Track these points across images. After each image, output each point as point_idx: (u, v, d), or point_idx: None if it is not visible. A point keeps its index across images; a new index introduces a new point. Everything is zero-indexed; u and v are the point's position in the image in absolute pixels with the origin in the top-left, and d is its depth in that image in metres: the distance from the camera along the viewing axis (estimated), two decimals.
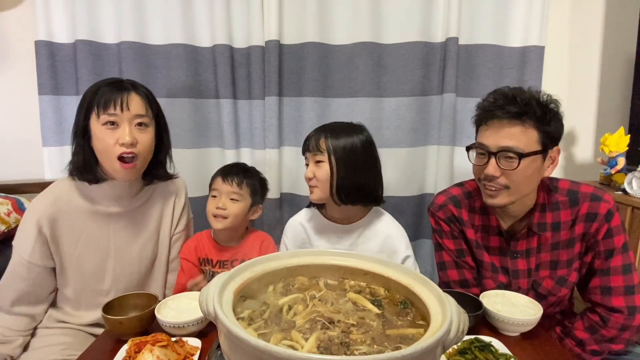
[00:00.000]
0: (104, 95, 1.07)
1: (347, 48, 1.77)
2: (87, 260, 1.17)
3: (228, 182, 1.26)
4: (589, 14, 1.97)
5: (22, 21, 1.78)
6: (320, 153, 1.21)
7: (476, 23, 1.78)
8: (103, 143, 1.08)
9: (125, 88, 1.10)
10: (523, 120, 1.01)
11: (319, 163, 1.21)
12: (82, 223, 1.16)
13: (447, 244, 1.22)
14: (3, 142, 1.85)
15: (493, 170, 1.03)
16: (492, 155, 1.03)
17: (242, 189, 1.27)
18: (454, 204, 1.21)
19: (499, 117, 1.03)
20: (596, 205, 1.07)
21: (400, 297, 0.69)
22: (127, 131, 1.07)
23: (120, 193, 1.18)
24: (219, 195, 1.27)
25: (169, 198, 1.29)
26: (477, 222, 1.20)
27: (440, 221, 1.22)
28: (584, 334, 1.08)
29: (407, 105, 1.80)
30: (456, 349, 0.86)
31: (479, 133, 1.10)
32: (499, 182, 1.04)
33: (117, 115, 1.07)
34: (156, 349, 0.81)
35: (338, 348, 0.54)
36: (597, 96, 2.03)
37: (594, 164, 1.97)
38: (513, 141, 1.01)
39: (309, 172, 1.23)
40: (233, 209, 1.25)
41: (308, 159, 1.25)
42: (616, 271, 1.06)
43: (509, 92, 1.04)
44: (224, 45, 1.72)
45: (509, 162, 1.02)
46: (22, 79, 1.79)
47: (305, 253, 0.77)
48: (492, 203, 1.07)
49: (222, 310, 0.53)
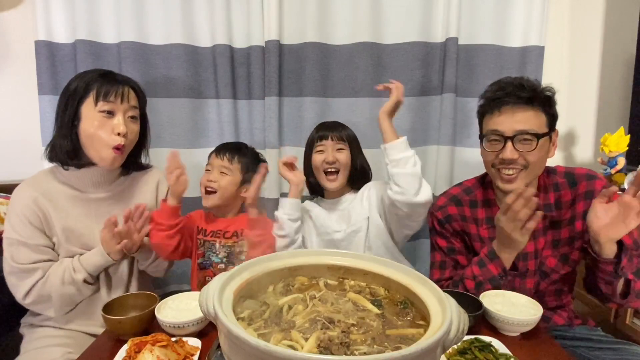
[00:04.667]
0: (104, 85, 1.13)
1: (347, 48, 1.77)
2: (75, 240, 1.19)
3: (220, 156, 1.34)
4: (589, 14, 1.97)
5: (22, 21, 1.78)
6: (343, 141, 1.41)
7: (476, 23, 1.78)
8: (96, 129, 1.12)
9: (122, 81, 1.17)
10: (533, 105, 1.08)
11: (341, 150, 1.40)
12: (66, 206, 1.19)
13: (440, 242, 1.30)
14: (3, 142, 1.85)
15: (510, 154, 1.08)
16: (509, 139, 1.08)
17: (233, 164, 1.34)
18: (455, 203, 1.27)
19: (511, 103, 1.09)
20: (592, 183, 1.14)
21: (400, 297, 0.69)
22: (122, 121, 1.15)
23: (99, 179, 1.23)
24: (212, 169, 1.35)
25: (151, 183, 1.34)
26: (480, 216, 1.24)
27: (436, 221, 1.29)
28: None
29: (407, 105, 1.80)
30: (456, 349, 0.86)
31: (490, 121, 1.14)
32: (519, 162, 1.09)
33: (115, 104, 1.14)
34: (156, 349, 0.81)
35: (338, 348, 0.54)
36: (597, 96, 2.03)
37: (594, 164, 1.97)
38: (528, 124, 1.08)
39: (330, 156, 1.38)
40: (222, 182, 1.32)
41: (325, 146, 1.40)
42: None
43: (515, 81, 1.11)
44: (224, 45, 1.72)
45: (525, 144, 1.08)
46: (22, 79, 1.80)
47: (305, 253, 0.77)
48: (510, 187, 1.09)
49: (222, 310, 0.53)
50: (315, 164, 1.42)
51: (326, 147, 1.39)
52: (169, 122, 1.78)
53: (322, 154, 1.40)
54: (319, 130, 1.44)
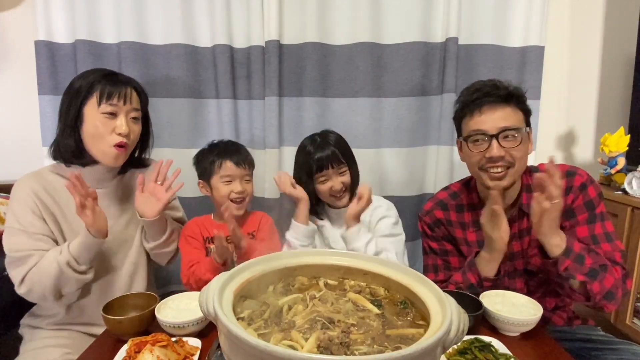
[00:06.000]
0: (107, 86, 1.13)
1: (347, 48, 1.77)
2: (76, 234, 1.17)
3: (242, 166, 1.32)
4: (589, 14, 1.97)
5: (22, 21, 1.78)
6: (343, 164, 1.37)
7: (476, 23, 1.78)
8: (100, 130, 1.13)
9: (125, 82, 1.17)
10: (510, 102, 1.11)
11: (343, 173, 1.38)
12: (68, 200, 1.17)
13: (432, 245, 1.31)
14: (3, 142, 1.85)
15: (498, 151, 1.09)
16: (493, 137, 1.09)
17: (251, 169, 1.35)
18: (441, 208, 1.29)
19: (490, 102, 1.11)
20: (571, 179, 1.14)
21: (400, 297, 0.69)
22: (124, 122, 1.15)
23: (102, 176, 1.23)
24: (234, 179, 1.31)
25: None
26: (466, 219, 1.25)
27: (425, 225, 1.31)
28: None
29: (407, 105, 1.80)
30: (456, 349, 0.86)
31: (470, 122, 1.15)
32: (506, 160, 1.09)
33: (118, 106, 1.14)
34: (156, 349, 0.81)
35: (338, 348, 0.54)
36: (597, 96, 2.03)
37: (594, 164, 1.97)
38: (510, 121, 1.09)
39: (337, 184, 1.36)
40: (249, 190, 1.33)
41: (328, 175, 1.36)
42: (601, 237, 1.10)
43: (488, 82, 1.14)
44: (224, 45, 1.72)
45: (509, 140, 1.09)
46: (22, 79, 1.80)
47: (305, 253, 0.77)
48: (500, 185, 1.11)
49: (222, 310, 0.53)
50: (322, 193, 1.39)
51: (329, 176, 1.37)
52: (169, 122, 1.78)
53: (327, 183, 1.37)
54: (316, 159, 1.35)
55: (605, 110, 2.02)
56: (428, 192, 1.87)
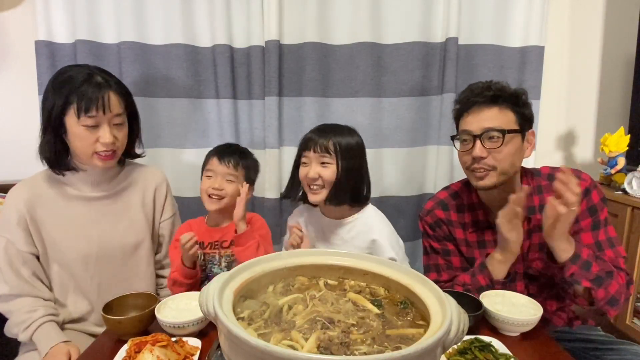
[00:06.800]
0: (84, 96, 1.08)
1: (347, 48, 1.77)
2: (69, 245, 1.18)
3: (224, 163, 1.29)
4: (589, 14, 1.97)
5: (22, 21, 1.78)
6: (328, 155, 1.22)
7: (476, 23, 1.78)
8: (83, 142, 1.11)
9: (103, 86, 1.11)
10: (499, 102, 1.11)
11: (326, 164, 1.22)
12: (62, 208, 1.18)
13: (434, 244, 1.30)
14: (3, 141, 1.85)
15: (479, 151, 1.10)
16: (477, 137, 1.10)
17: (238, 171, 1.31)
18: (442, 207, 1.28)
19: (478, 102, 1.12)
20: None
21: (400, 297, 0.69)
22: (108, 131, 1.12)
23: (98, 179, 1.22)
24: (215, 175, 1.30)
25: (149, 186, 1.32)
26: (466, 220, 1.25)
27: (427, 225, 1.30)
28: None
29: (407, 105, 1.80)
30: (456, 349, 0.86)
31: (461, 122, 1.17)
32: (486, 162, 1.10)
33: (98, 117, 1.10)
34: (156, 349, 0.81)
35: (338, 348, 0.54)
36: (597, 96, 2.03)
37: (594, 164, 1.98)
38: (493, 122, 1.10)
39: (313, 172, 1.22)
40: (229, 190, 1.29)
41: (309, 159, 1.24)
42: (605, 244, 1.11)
43: (483, 83, 1.14)
44: (224, 45, 1.72)
45: (492, 141, 1.09)
46: (22, 79, 1.80)
47: (305, 253, 0.77)
48: (482, 184, 1.12)
49: (222, 310, 0.53)
50: (300, 176, 1.28)
51: (310, 160, 1.24)
52: (168, 122, 1.78)
53: (306, 167, 1.25)
54: (306, 140, 1.27)
55: (605, 110, 2.02)
56: (428, 192, 1.87)
